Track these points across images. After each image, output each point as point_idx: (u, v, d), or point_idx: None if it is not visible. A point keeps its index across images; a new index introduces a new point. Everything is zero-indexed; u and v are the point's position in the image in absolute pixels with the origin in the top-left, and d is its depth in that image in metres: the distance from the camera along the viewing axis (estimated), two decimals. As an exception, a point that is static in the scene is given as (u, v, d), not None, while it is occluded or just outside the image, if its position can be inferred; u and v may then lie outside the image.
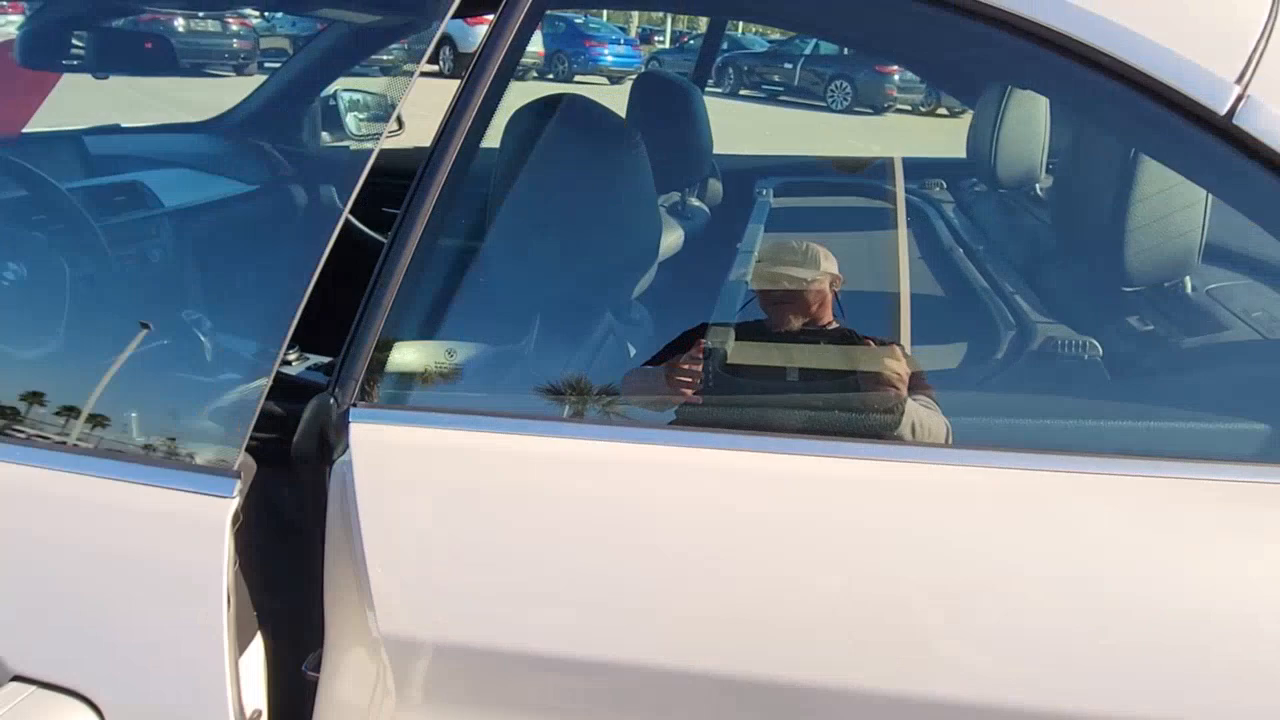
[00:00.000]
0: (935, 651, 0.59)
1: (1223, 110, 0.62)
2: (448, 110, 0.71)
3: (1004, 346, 0.86)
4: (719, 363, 0.72)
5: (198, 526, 0.63)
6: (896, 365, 0.71)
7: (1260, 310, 0.84)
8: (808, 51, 20.79)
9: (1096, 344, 0.81)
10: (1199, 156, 0.68)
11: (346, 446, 0.65)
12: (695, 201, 1.37)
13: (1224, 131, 0.63)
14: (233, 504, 0.63)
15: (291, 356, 0.94)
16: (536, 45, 16.74)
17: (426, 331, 0.77)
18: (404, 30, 1.50)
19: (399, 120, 1.80)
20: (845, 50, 18.99)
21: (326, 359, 0.92)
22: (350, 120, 1.76)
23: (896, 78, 18.41)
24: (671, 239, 1.16)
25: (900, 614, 0.60)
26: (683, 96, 1.35)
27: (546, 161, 0.90)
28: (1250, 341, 0.82)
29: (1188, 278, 0.87)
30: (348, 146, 1.75)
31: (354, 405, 0.67)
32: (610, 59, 19.17)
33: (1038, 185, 1.09)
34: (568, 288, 0.89)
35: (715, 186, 1.41)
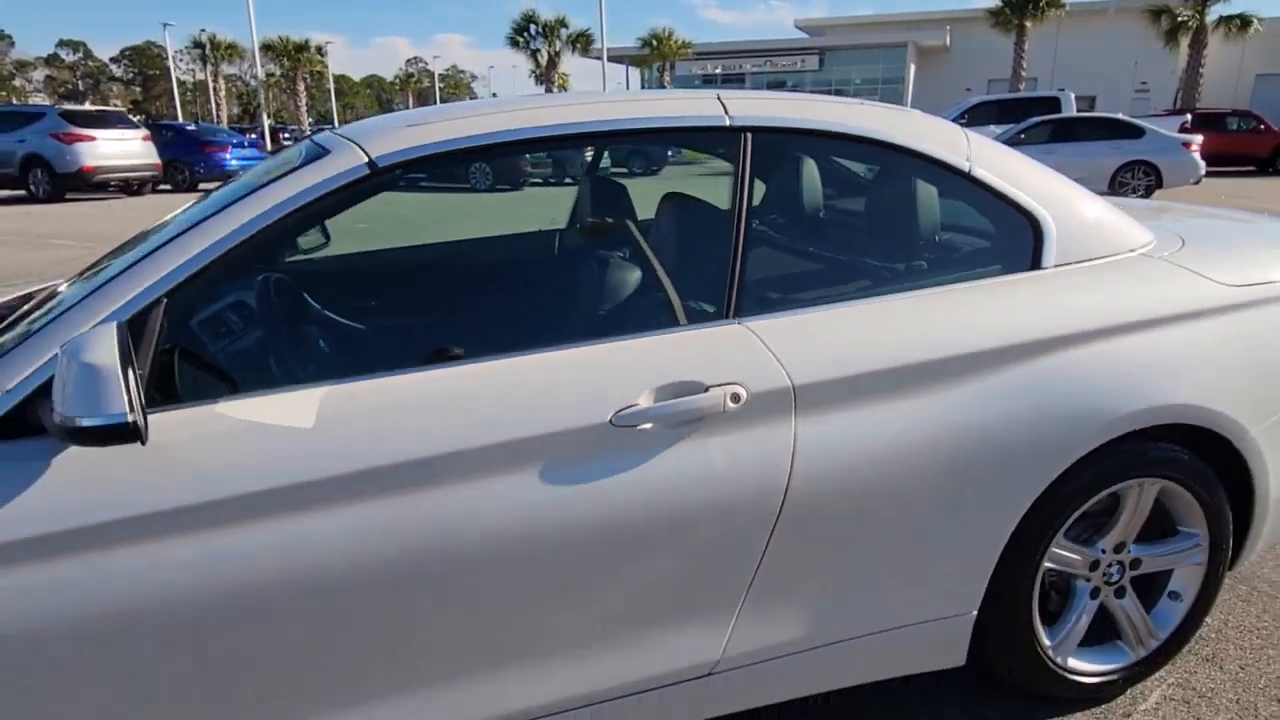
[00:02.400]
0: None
1: (966, 169, 1.65)
2: (736, 208, 1.58)
3: (873, 277, 1.77)
4: None
5: None
6: None
7: (967, 240, 1.87)
8: None
9: (918, 267, 1.76)
10: (959, 186, 1.72)
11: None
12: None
13: (968, 176, 1.64)
14: None
15: None
16: (154, 158, 15.24)
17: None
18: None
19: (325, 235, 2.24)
20: None
21: None
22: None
23: (528, 155, 19.96)
24: None
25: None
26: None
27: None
28: (969, 251, 1.85)
29: (936, 235, 1.81)
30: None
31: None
32: (235, 162, 18.29)
33: (820, 212, 1.96)
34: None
35: None
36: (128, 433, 1.09)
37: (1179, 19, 29.97)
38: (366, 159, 1.45)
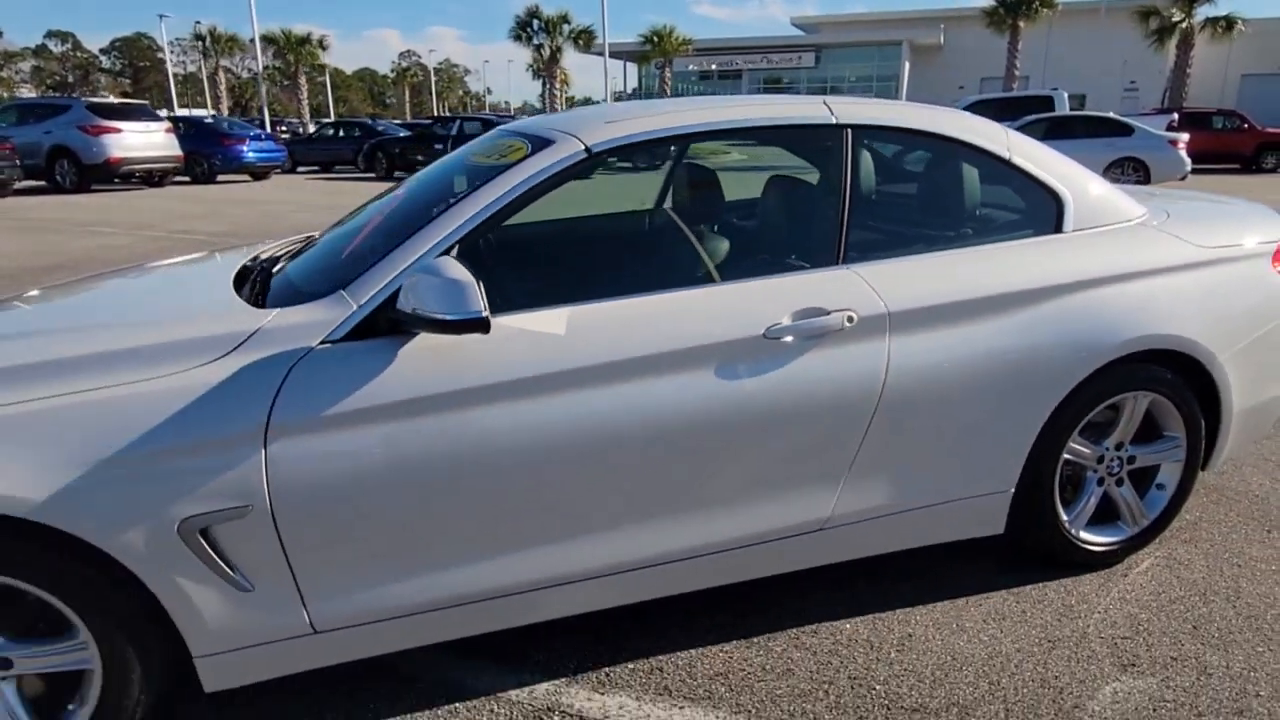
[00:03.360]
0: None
1: (1007, 157, 2.26)
2: (842, 184, 2.13)
3: (938, 236, 2.28)
4: None
5: None
6: None
7: (1003, 210, 2.37)
8: (454, 133, 22.65)
9: (970, 230, 2.28)
10: (1002, 171, 2.27)
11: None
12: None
13: (1009, 163, 2.24)
14: None
15: None
16: (177, 150, 15.75)
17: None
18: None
19: None
20: (487, 129, 21.01)
21: None
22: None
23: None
24: None
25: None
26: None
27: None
28: (1009, 220, 2.34)
29: (978, 209, 2.36)
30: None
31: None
32: (252, 155, 18.71)
33: (874, 193, 2.49)
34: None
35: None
36: (481, 324, 1.65)
37: (1167, 19, 30.68)
38: (584, 146, 2.00)
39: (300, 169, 23.31)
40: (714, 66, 50.60)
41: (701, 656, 2.12)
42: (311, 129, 33.02)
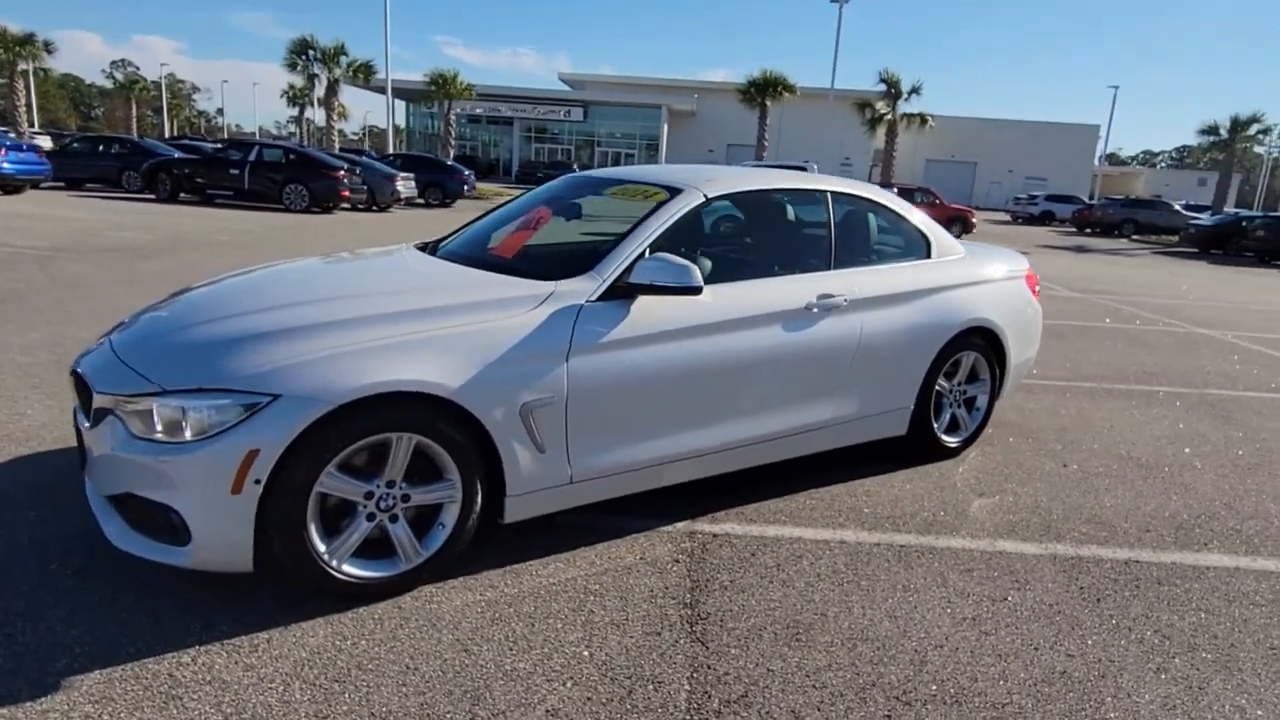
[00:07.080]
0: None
1: (905, 215, 3.93)
2: (830, 224, 3.53)
3: (877, 257, 3.89)
4: None
5: None
6: None
7: (903, 246, 4.06)
8: (252, 158, 22.44)
9: (891, 254, 3.94)
10: (902, 224, 4.07)
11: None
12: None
13: (905, 219, 3.98)
14: None
15: None
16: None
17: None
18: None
19: None
20: (289, 158, 21.14)
21: None
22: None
23: (347, 180, 21.58)
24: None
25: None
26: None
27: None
28: (901, 250, 4.04)
29: (892, 243, 4.02)
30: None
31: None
32: (9, 167, 16.91)
33: (842, 230, 4.08)
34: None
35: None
36: (698, 290, 2.91)
37: (878, 112, 37.29)
38: (703, 195, 3.34)
39: (43, 184, 21.06)
40: (480, 111, 51.93)
41: (766, 505, 3.48)
42: (15, 136, 28.83)
